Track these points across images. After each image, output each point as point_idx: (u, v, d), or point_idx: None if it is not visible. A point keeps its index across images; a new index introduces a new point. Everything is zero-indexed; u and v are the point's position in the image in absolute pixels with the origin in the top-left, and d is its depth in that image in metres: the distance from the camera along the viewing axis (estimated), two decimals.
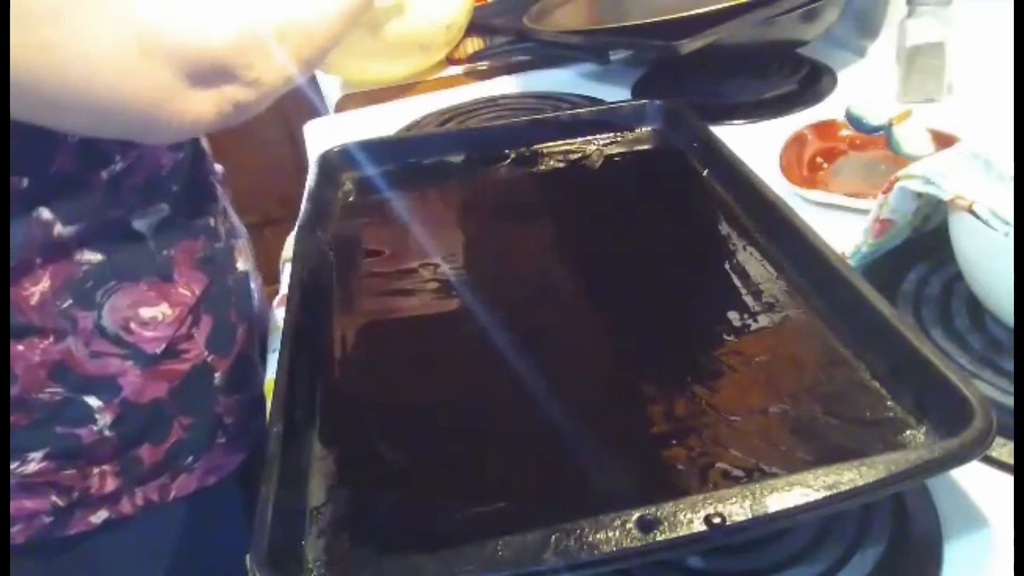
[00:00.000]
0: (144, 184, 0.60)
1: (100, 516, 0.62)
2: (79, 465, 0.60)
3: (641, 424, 0.43)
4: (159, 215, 0.61)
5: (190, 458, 0.65)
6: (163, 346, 0.61)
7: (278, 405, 0.44)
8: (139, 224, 0.60)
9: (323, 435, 0.45)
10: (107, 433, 0.60)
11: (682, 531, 0.34)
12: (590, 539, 0.34)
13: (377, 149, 0.73)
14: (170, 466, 0.64)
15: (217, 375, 0.65)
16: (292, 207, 0.68)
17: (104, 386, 0.59)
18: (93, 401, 0.59)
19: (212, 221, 0.67)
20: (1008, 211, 0.45)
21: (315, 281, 0.56)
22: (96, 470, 0.60)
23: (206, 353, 0.64)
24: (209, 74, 0.52)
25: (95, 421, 0.59)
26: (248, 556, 0.35)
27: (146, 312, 0.60)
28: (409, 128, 0.89)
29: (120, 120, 0.52)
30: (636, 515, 0.34)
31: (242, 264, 0.71)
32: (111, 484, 0.61)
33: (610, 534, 0.34)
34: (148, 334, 0.60)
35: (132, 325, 0.59)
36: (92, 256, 0.57)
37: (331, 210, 0.67)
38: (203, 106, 0.53)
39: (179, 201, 0.63)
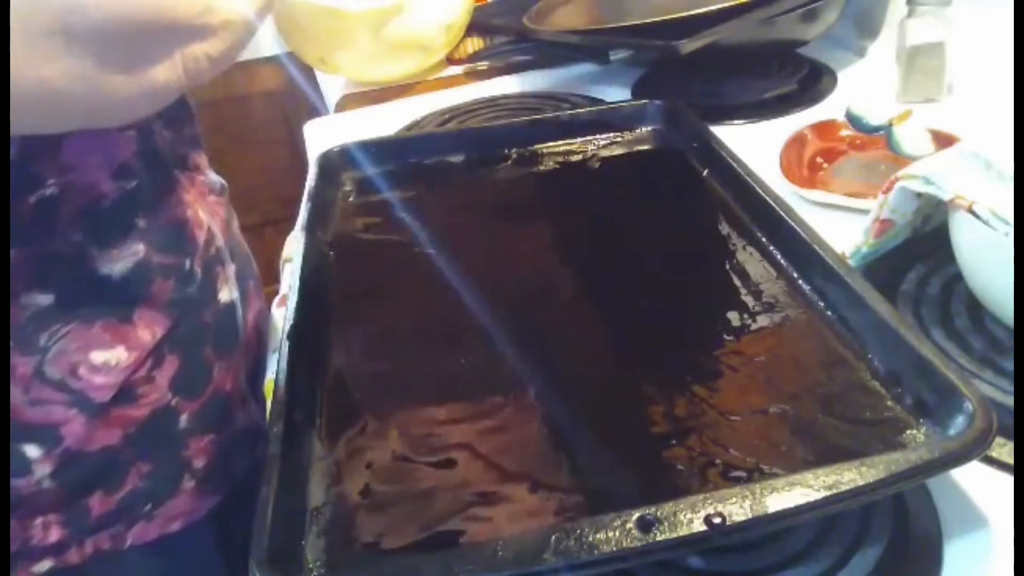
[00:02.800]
0: (82, 214, 0.52)
1: (44, 566, 0.55)
2: (18, 515, 0.54)
3: (641, 424, 0.43)
4: (132, 256, 0.54)
5: (148, 506, 0.58)
6: (112, 393, 0.54)
7: (278, 405, 0.44)
8: (105, 267, 0.53)
9: (323, 435, 0.45)
10: (46, 484, 0.53)
11: (682, 531, 0.34)
12: (590, 539, 0.34)
13: (377, 149, 0.73)
14: (124, 515, 0.57)
15: (183, 417, 0.58)
16: (292, 207, 0.68)
17: (44, 435, 0.53)
18: (31, 450, 0.53)
19: (187, 263, 0.58)
20: (1008, 211, 0.45)
21: (315, 281, 0.56)
22: (38, 520, 0.54)
23: (170, 396, 0.57)
24: (155, 42, 0.43)
25: (32, 472, 0.53)
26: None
27: (97, 356, 0.53)
28: (409, 128, 0.89)
29: (57, 111, 0.43)
30: (636, 515, 0.34)
31: (226, 295, 0.62)
32: (56, 534, 0.55)
33: (610, 534, 0.34)
34: (97, 380, 0.53)
35: (80, 370, 0.53)
36: (41, 298, 0.51)
37: (331, 210, 0.67)
38: (164, 74, 0.44)
39: (148, 239, 0.56)
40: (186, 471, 0.59)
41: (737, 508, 0.34)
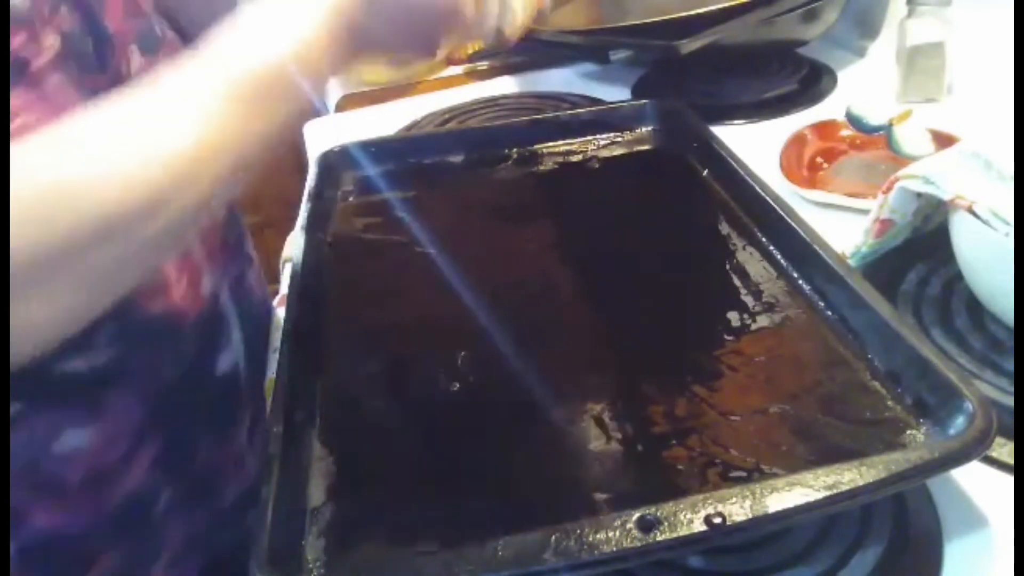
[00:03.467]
0: None
1: None
2: None
3: (641, 424, 0.43)
4: (106, 350, 0.47)
5: None
6: (83, 477, 0.48)
7: (278, 405, 0.44)
8: (74, 364, 0.47)
9: (323, 435, 0.45)
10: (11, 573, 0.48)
11: (682, 531, 0.34)
12: (590, 539, 0.34)
13: (377, 149, 0.73)
14: None
15: (164, 498, 0.52)
16: (292, 207, 0.67)
17: (10, 520, 0.47)
18: None
19: (172, 340, 0.51)
20: (1008, 211, 0.45)
21: (315, 281, 0.56)
22: None
23: (149, 478, 0.51)
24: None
25: None
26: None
27: (68, 439, 0.47)
28: (409, 128, 0.89)
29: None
30: (636, 515, 0.34)
31: (227, 362, 0.56)
32: None
33: (610, 534, 0.34)
34: (68, 464, 0.47)
35: (49, 453, 0.46)
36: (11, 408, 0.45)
37: (331, 210, 0.67)
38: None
39: (123, 334, 0.48)
40: (163, 551, 0.53)
41: (737, 508, 0.34)
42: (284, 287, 0.72)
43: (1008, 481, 0.42)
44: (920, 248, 0.56)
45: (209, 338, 0.55)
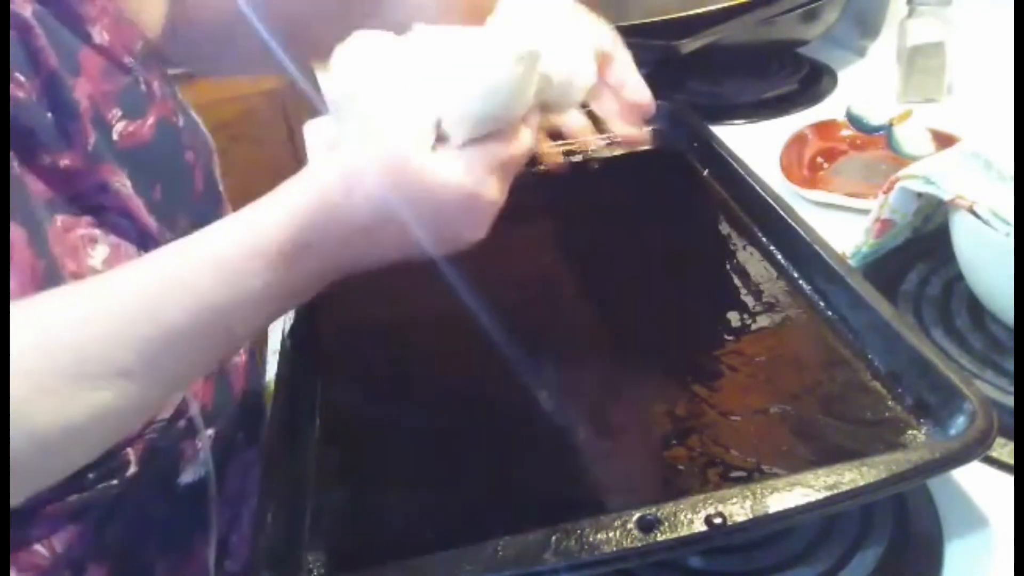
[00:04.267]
0: None
1: None
2: None
3: (642, 424, 0.43)
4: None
5: None
6: None
7: (278, 405, 0.44)
8: None
9: (323, 435, 0.45)
10: None
11: (682, 531, 0.34)
12: (590, 539, 0.34)
13: None
14: None
15: None
16: None
17: None
18: None
19: (108, 459, 0.42)
20: (1008, 211, 0.45)
21: None
22: None
23: None
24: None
25: None
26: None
27: None
28: None
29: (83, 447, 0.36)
30: (636, 515, 0.34)
31: (193, 474, 0.48)
32: None
33: (610, 534, 0.34)
34: None
35: None
36: None
37: None
38: None
39: None
40: None
41: (738, 508, 0.34)
42: None
43: (1008, 481, 0.42)
44: (920, 248, 0.56)
45: (166, 448, 0.47)
